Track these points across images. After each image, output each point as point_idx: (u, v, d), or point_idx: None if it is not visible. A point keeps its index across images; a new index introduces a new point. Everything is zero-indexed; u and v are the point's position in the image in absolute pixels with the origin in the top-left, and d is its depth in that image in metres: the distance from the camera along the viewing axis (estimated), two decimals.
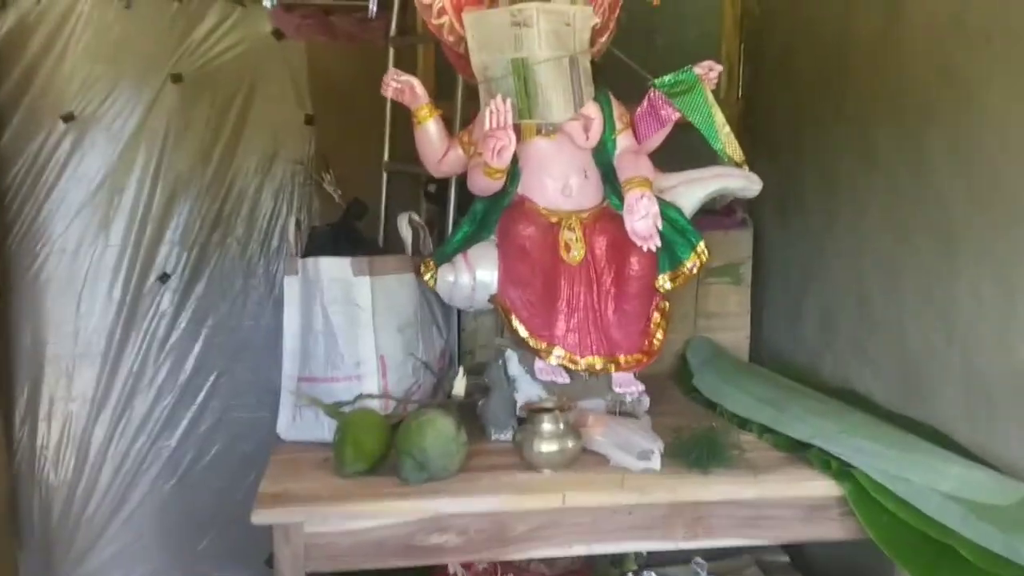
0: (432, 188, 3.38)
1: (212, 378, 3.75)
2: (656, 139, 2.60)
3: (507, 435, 2.45)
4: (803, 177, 3.25)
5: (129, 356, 3.68)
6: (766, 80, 3.59)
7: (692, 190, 2.62)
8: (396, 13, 3.40)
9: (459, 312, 2.94)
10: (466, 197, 2.73)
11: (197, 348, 3.73)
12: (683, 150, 2.63)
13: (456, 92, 3.07)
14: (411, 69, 3.67)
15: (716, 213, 3.14)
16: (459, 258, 2.55)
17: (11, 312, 3.56)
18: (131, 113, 3.62)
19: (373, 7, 2.61)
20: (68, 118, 3.55)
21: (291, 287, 2.58)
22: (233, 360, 3.75)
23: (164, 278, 3.69)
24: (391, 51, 3.43)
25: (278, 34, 3.64)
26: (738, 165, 2.55)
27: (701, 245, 2.57)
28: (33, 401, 3.61)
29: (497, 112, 2.37)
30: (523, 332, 2.50)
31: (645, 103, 2.55)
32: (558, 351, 2.51)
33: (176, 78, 3.61)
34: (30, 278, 3.58)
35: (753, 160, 2.60)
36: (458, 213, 3.28)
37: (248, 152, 3.70)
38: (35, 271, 3.59)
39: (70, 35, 3.52)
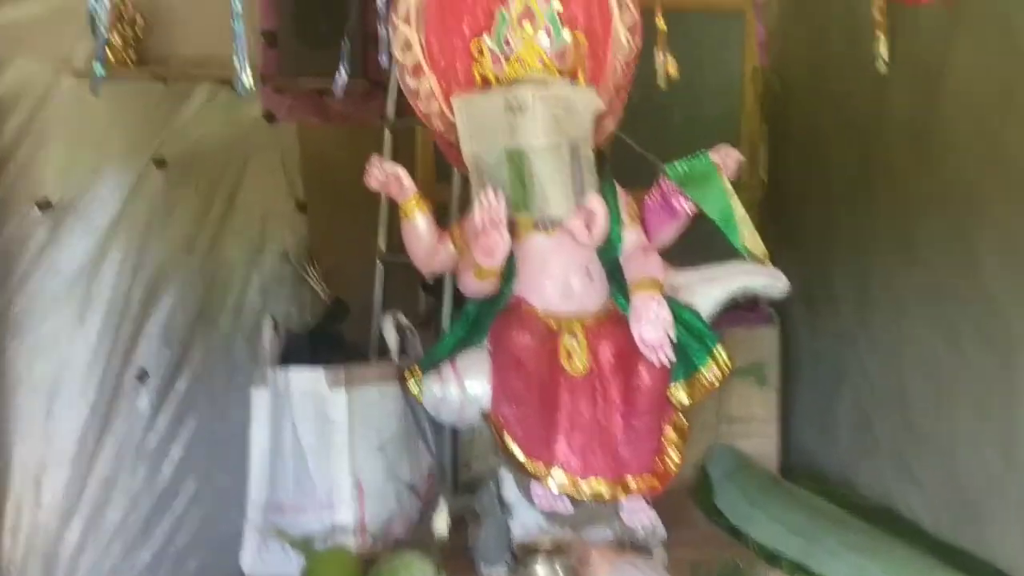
0: (431, 280, 3.13)
1: (191, 485, 3.45)
2: (668, 234, 2.33)
3: (499, 572, 2.14)
4: (833, 268, 2.98)
5: (103, 461, 3.38)
6: (791, 162, 3.35)
7: (710, 289, 2.34)
8: (392, 92, 3.21)
9: None
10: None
11: (176, 452, 3.44)
12: (698, 239, 2.37)
13: (452, 176, 2.85)
14: (409, 151, 3.47)
15: (738, 307, 2.85)
16: (447, 367, 2.27)
17: None
18: (111, 200, 3.38)
19: (340, 79, 2.39)
20: (44, 205, 3.33)
21: (259, 401, 2.32)
22: (215, 466, 3.44)
23: (143, 376, 3.42)
24: (387, 133, 3.24)
25: (269, 116, 3.44)
26: (761, 261, 2.28)
27: (720, 350, 2.27)
28: None
29: (488, 207, 2.13)
30: (518, 454, 2.21)
31: (656, 193, 2.30)
32: (559, 475, 2.21)
33: (160, 163, 3.39)
34: None
35: (777, 248, 2.32)
36: (455, 308, 3.03)
37: (235, 241, 3.46)
38: (2, 368, 3.33)
39: (49, 117, 3.32)
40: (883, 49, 2.36)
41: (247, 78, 2.22)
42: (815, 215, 3.13)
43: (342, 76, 2.44)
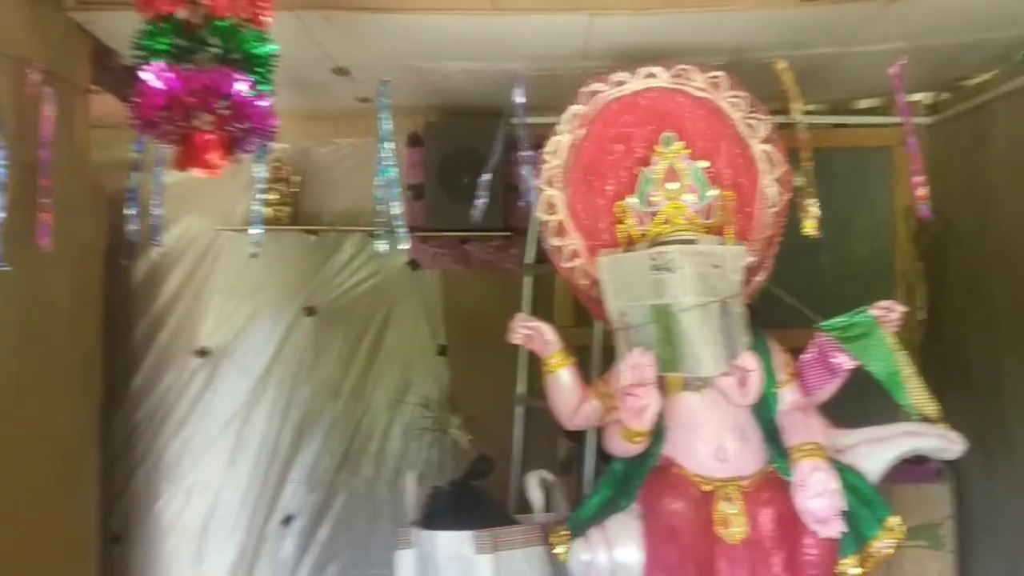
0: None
1: None
2: (827, 391, 2.20)
3: None
4: (1008, 414, 2.75)
5: None
6: (952, 301, 3.16)
7: (878, 451, 2.18)
8: (531, 240, 3.25)
9: None
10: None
11: None
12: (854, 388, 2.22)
13: (595, 321, 2.81)
14: (548, 296, 3.48)
15: (905, 462, 2.65)
16: (596, 533, 2.17)
17: (130, 558, 3.40)
18: (264, 346, 3.54)
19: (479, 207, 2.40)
20: (202, 353, 3.50)
21: (404, 563, 2.28)
22: None
23: (288, 520, 3.47)
24: (526, 280, 3.26)
25: (413, 264, 3.53)
26: (932, 422, 2.12)
27: (893, 520, 2.09)
28: None
29: (637, 367, 2.06)
30: None
31: (813, 350, 2.18)
32: None
33: (310, 311, 3.53)
34: (152, 521, 3.44)
35: (941, 393, 2.14)
36: (599, 456, 2.94)
37: (379, 386, 3.53)
38: (157, 513, 3.45)
39: (208, 272, 3.53)
40: None
41: (396, 239, 2.27)
42: (983, 357, 2.93)
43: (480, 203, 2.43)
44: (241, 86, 1.60)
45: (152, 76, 1.57)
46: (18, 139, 2.09)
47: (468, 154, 3.30)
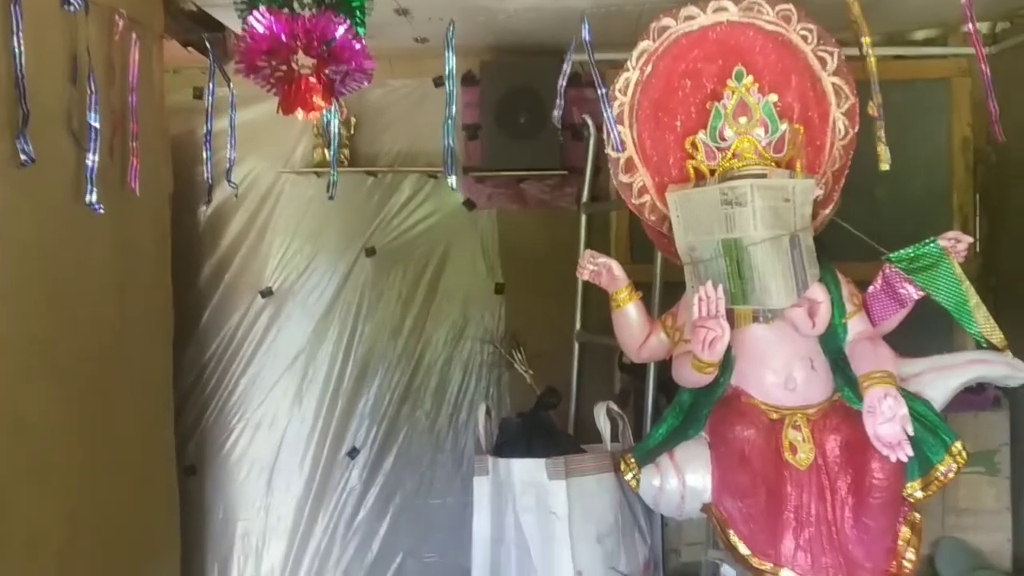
0: (627, 360, 3.13)
1: (398, 559, 3.57)
2: (894, 321, 2.24)
3: None
4: None
5: (317, 534, 3.58)
6: (1008, 233, 3.16)
7: (943, 379, 2.22)
8: (588, 179, 3.29)
9: None
10: (666, 370, 2.45)
11: (383, 528, 3.58)
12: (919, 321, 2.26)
13: (655, 257, 2.86)
14: (604, 234, 3.54)
15: (964, 391, 2.70)
16: (666, 459, 2.25)
17: (204, 489, 3.56)
18: (327, 286, 3.64)
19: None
20: (266, 293, 3.61)
21: (481, 489, 2.38)
22: (420, 541, 3.56)
23: (353, 453, 3.60)
24: (583, 217, 3.30)
25: (470, 204, 3.59)
26: (998, 349, 2.16)
27: (958, 445, 2.14)
28: None
29: (708, 299, 2.11)
30: (744, 550, 2.15)
31: (880, 281, 2.22)
32: (787, 573, 2.13)
33: (370, 251, 3.61)
34: (224, 454, 3.59)
35: (998, 325, 2.17)
36: (657, 388, 3.01)
37: (438, 323, 3.62)
38: (229, 447, 3.59)
39: (270, 214, 3.61)
40: None
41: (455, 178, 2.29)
42: None
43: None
44: (339, 29, 1.65)
45: (256, 21, 1.62)
46: (106, 86, 2.15)
47: (524, 93, 3.33)
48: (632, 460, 2.32)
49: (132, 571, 2.75)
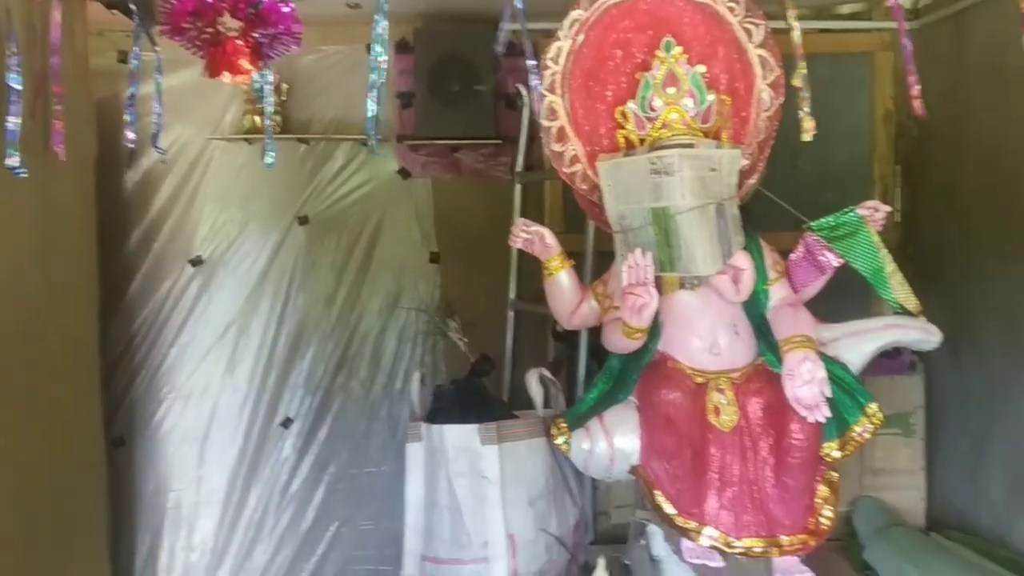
0: (560, 328, 3.18)
1: (333, 528, 3.58)
2: (814, 288, 2.32)
3: None
4: (976, 310, 2.90)
5: (251, 504, 3.56)
6: (928, 204, 3.28)
7: (860, 343, 2.31)
8: (522, 148, 3.31)
9: None
10: (598, 338, 2.51)
11: (318, 497, 3.58)
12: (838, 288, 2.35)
13: (587, 227, 2.90)
14: (538, 203, 3.56)
15: (880, 355, 2.81)
16: (595, 423, 2.30)
17: (133, 461, 3.50)
18: (259, 255, 3.59)
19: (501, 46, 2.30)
20: (196, 262, 3.55)
21: (414, 455, 2.40)
22: (355, 509, 3.57)
23: (287, 423, 3.59)
24: (517, 187, 3.33)
25: (404, 173, 3.58)
26: (913, 315, 2.25)
27: (873, 407, 2.24)
28: (153, 553, 3.51)
29: (636, 267, 2.16)
30: (669, 509, 2.21)
31: (801, 249, 2.29)
32: (710, 531, 2.20)
33: (303, 220, 3.57)
34: (154, 425, 3.53)
35: (915, 291, 2.27)
36: (589, 356, 3.07)
37: (373, 292, 3.61)
38: (159, 418, 3.54)
39: (199, 181, 3.55)
40: None
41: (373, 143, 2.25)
42: (955, 258, 3.06)
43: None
44: None
45: None
46: (27, 48, 2.09)
47: (458, 60, 3.32)
48: (563, 424, 2.37)
49: (59, 544, 2.71)
